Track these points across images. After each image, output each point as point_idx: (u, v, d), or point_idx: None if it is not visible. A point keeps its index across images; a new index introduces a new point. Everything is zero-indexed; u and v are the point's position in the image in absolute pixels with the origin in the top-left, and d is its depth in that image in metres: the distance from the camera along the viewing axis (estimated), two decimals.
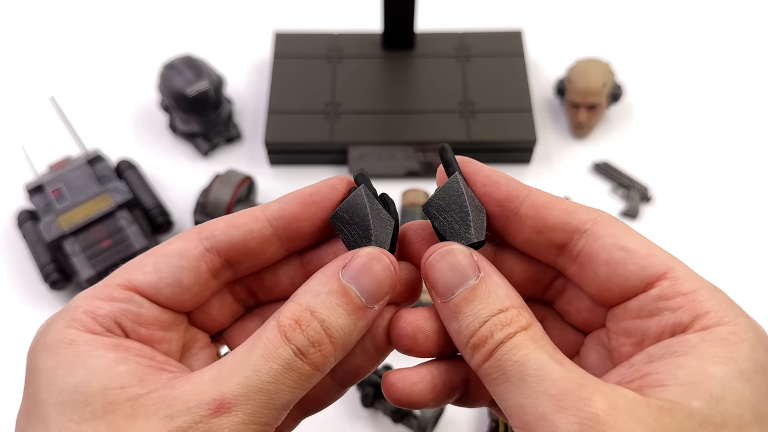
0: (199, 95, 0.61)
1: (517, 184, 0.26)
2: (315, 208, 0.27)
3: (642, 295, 0.24)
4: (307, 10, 0.77)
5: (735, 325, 0.22)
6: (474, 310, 0.24)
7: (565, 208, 0.25)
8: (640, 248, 0.24)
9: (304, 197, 0.27)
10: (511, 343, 0.22)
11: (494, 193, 0.26)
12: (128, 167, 0.62)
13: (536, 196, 0.25)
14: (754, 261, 0.60)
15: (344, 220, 0.26)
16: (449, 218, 0.25)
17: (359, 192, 0.26)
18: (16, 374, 0.54)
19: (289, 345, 0.23)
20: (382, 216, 0.26)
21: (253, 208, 0.27)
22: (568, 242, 0.25)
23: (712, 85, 0.71)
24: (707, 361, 0.21)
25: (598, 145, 0.66)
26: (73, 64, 0.73)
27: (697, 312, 0.22)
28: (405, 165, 0.63)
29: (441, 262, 0.25)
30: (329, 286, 0.24)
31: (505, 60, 0.68)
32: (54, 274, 0.55)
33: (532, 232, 0.26)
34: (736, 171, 0.65)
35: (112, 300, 0.24)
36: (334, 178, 0.27)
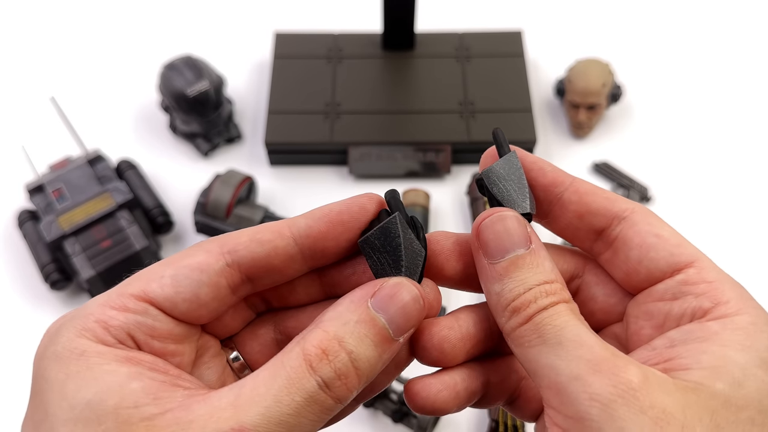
0: (200, 95, 0.61)
1: (562, 171, 0.27)
2: (342, 228, 0.26)
3: (668, 279, 0.25)
4: (308, 10, 0.77)
5: (755, 317, 0.23)
6: (521, 276, 0.24)
7: (606, 197, 0.26)
8: (672, 237, 0.25)
9: (332, 216, 0.26)
10: (553, 310, 0.23)
11: (540, 179, 0.27)
12: (128, 167, 0.62)
13: (580, 183, 0.27)
14: (754, 261, 0.60)
15: (375, 247, 0.25)
16: (508, 187, 0.26)
17: (394, 220, 0.25)
18: (16, 374, 0.54)
19: (314, 376, 0.22)
20: (413, 246, 0.25)
21: (279, 223, 0.26)
22: (607, 227, 0.26)
23: (711, 85, 0.71)
24: (729, 348, 0.22)
25: (597, 146, 0.67)
26: (73, 64, 0.73)
27: (718, 299, 0.24)
28: (405, 165, 0.63)
29: (498, 224, 0.25)
30: (358, 315, 0.23)
31: (505, 60, 0.68)
32: (54, 274, 0.55)
33: (574, 216, 0.27)
34: (735, 171, 0.65)
35: (125, 311, 0.23)
36: (364, 197, 0.26)
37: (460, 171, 0.64)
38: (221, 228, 0.56)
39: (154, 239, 0.59)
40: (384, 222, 0.25)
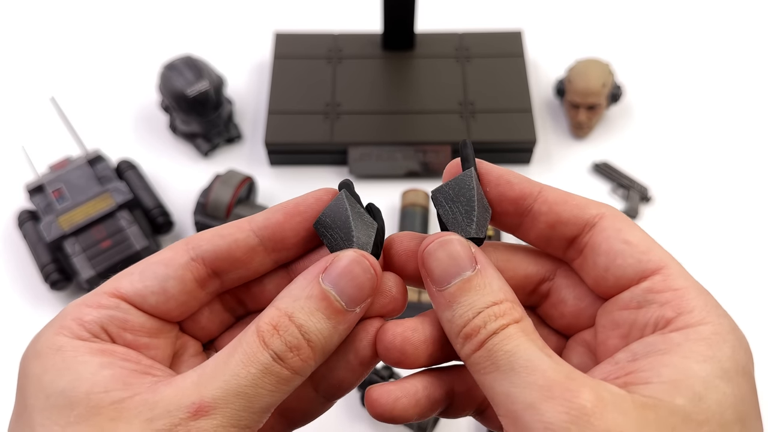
0: (200, 95, 0.61)
1: (529, 182, 0.27)
2: (300, 218, 0.27)
3: (634, 286, 0.24)
4: (308, 10, 0.77)
5: (718, 326, 0.23)
6: (469, 301, 0.24)
7: (576, 204, 0.26)
8: (641, 243, 0.25)
9: (288, 207, 0.27)
10: (503, 333, 0.23)
11: (508, 192, 0.27)
12: (128, 167, 0.62)
13: (548, 192, 0.26)
14: (753, 261, 0.60)
15: (327, 225, 0.26)
16: (455, 209, 0.26)
17: (340, 196, 0.26)
18: (15, 374, 0.54)
19: (267, 350, 0.23)
20: (364, 219, 0.26)
21: (240, 219, 0.27)
22: (578, 235, 0.26)
23: (711, 85, 0.71)
24: (690, 359, 0.22)
25: (597, 146, 0.67)
26: (73, 64, 0.73)
27: (682, 308, 0.23)
28: (405, 165, 0.63)
29: (439, 250, 0.25)
30: (308, 291, 0.24)
31: (505, 60, 0.68)
32: (54, 274, 0.55)
33: (545, 227, 0.26)
34: (735, 171, 0.65)
35: (99, 307, 0.25)
36: (320, 190, 0.27)
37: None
38: None
39: (154, 239, 0.59)
40: (333, 200, 0.26)
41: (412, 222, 0.58)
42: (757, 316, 0.57)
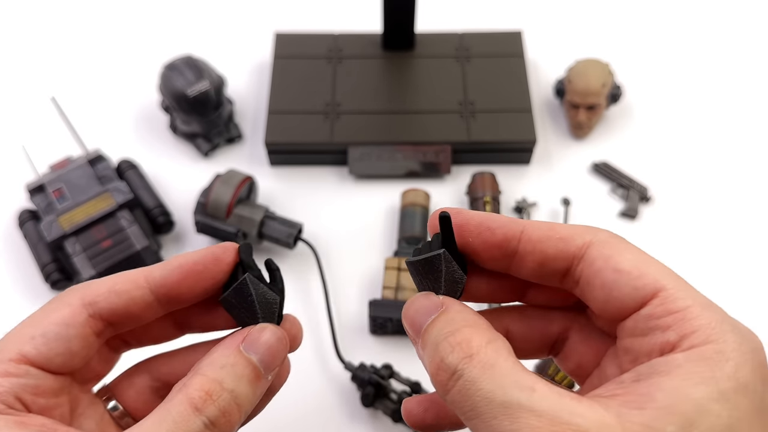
0: (200, 95, 0.61)
1: (510, 223, 0.26)
2: (196, 278, 0.28)
3: (635, 314, 0.24)
4: (308, 11, 0.77)
5: (721, 344, 0.22)
6: (431, 339, 0.24)
7: (560, 237, 0.26)
8: (632, 268, 0.24)
9: (187, 267, 0.28)
10: (469, 375, 0.22)
11: (490, 239, 0.27)
12: (129, 167, 0.62)
13: (531, 231, 0.26)
14: (753, 261, 0.60)
15: (233, 305, 0.29)
16: (425, 282, 0.27)
17: (245, 281, 0.28)
18: None
19: (200, 416, 0.25)
20: (267, 297, 0.29)
21: (137, 272, 0.29)
22: (569, 268, 0.26)
23: (711, 85, 0.71)
24: (688, 382, 0.21)
25: (597, 146, 0.67)
26: (74, 64, 0.73)
27: (684, 331, 0.23)
28: (405, 165, 0.63)
29: (409, 308, 0.26)
30: (233, 359, 0.27)
31: (504, 60, 0.68)
32: (55, 274, 0.55)
33: (534, 265, 0.26)
34: (735, 171, 0.65)
35: (9, 376, 0.25)
36: (219, 247, 0.29)
37: (460, 171, 0.64)
38: (222, 228, 0.56)
39: (154, 239, 0.59)
40: (236, 284, 0.28)
41: (412, 221, 0.58)
42: (756, 315, 0.57)
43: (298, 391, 0.53)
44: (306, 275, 0.59)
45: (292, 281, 0.59)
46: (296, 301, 0.57)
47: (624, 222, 0.62)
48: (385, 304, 0.53)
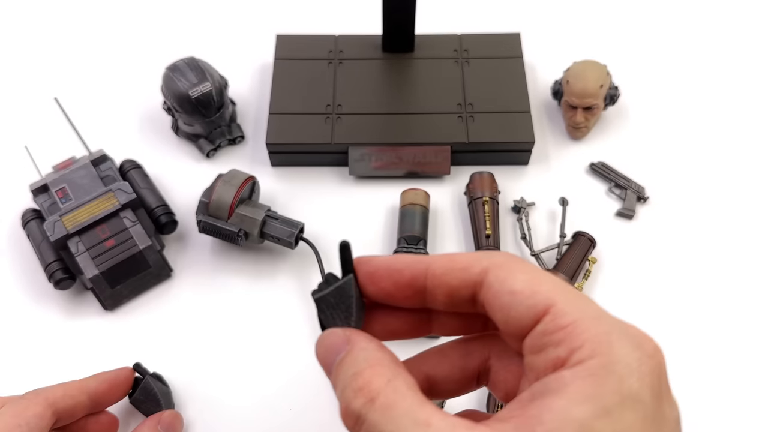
0: (203, 96, 0.62)
1: (415, 262, 0.28)
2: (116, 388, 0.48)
3: (531, 331, 0.25)
4: (309, 13, 0.78)
5: (607, 356, 0.22)
6: (339, 382, 0.25)
7: (461, 267, 0.27)
8: (525, 288, 0.25)
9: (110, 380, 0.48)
10: (372, 419, 0.23)
11: (400, 280, 0.28)
12: (132, 167, 0.62)
13: (435, 265, 0.27)
14: (750, 259, 0.60)
15: (141, 401, 0.50)
16: (335, 314, 0.28)
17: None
18: (18, 372, 0.55)
19: None
20: (164, 390, 0.51)
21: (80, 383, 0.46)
22: (475, 295, 0.27)
23: (707, 86, 0.72)
24: (572, 401, 0.21)
25: (594, 146, 0.67)
26: (78, 66, 0.74)
27: (573, 345, 0.23)
28: (405, 165, 0.63)
29: (319, 347, 0.27)
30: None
31: (503, 62, 0.69)
32: (58, 273, 0.56)
33: (444, 297, 0.27)
34: (731, 171, 0.66)
35: None
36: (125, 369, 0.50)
37: (459, 171, 0.65)
38: (224, 227, 0.57)
39: (157, 238, 0.59)
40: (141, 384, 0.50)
41: (412, 221, 0.59)
42: (753, 315, 0.58)
43: (298, 390, 0.53)
44: (307, 274, 0.59)
45: (293, 280, 0.59)
46: (297, 299, 0.58)
47: (621, 222, 0.63)
48: None
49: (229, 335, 0.56)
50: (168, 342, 0.56)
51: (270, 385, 0.54)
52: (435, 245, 0.61)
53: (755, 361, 0.55)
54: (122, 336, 0.56)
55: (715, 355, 0.55)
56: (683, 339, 0.56)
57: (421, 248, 0.57)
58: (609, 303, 0.58)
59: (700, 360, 0.55)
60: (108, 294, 0.56)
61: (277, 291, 0.59)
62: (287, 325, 0.57)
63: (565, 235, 0.60)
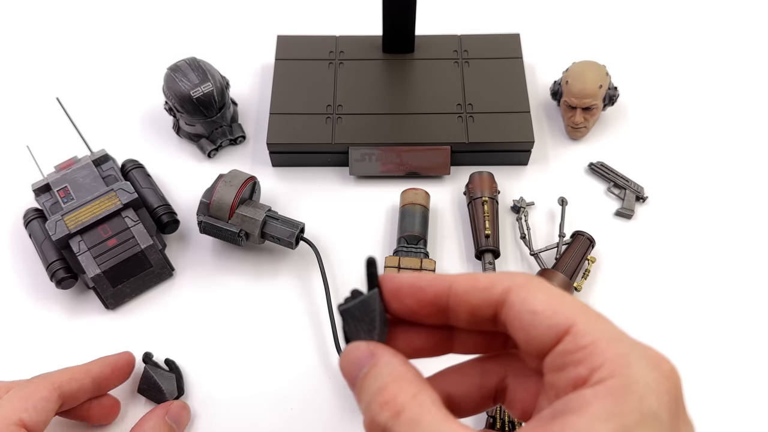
0: (204, 97, 0.62)
1: (438, 281, 0.28)
2: (119, 372, 0.49)
3: (552, 351, 0.25)
4: (310, 14, 0.79)
5: (626, 377, 0.23)
6: (364, 395, 0.26)
7: (483, 286, 0.27)
8: (546, 308, 0.25)
9: (113, 365, 0.49)
10: None
11: (423, 298, 0.28)
12: (134, 167, 0.63)
13: (457, 284, 0.28)
14: (749, 259, 0.61)
15: (145, 389, 0.51)
16: (359, 327, 0.28)
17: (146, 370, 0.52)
18: (20, 371, 0.55)
19: None
20: (166, 377, 0.52)
21: (85, 367, 0.47)
22: (496, 314, 0.27)
23: (705, 86, 0.72)
24: (594, 419, 0.22)
25: (593, 146, 0.68)
26: (80, 65, 0.74)
27: (593, 365, 0.23)
28: (405, 166, 0.64)
29: (343, 360, 0.28)
30: (160, 428, 0.46)
31: (502, 62, 0.69)
32: (60, 272, 0.56)
33: (466, 315, 0.28)
34: (730, 171, 0.66)
35: None
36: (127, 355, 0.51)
37: (458, 171, 0.65)
38: (224, 227, 0.57)
39: (159, 238, 0.60)
40: (142, 374, 0.52)
41: (412, 221, 0.59)
42: (752, 314, 0.58)
43: (299, 389, 0.54)
44: (307, 274, 0.60)
45: (294, 280, 0.59)
46: (298, 299, 0.58)
47: (620, 221, 0.63)
48: None
49: (229, 335, 0.57)
50: (169, 341, 0.56)
51: (271, 385, 0.54)
52: (435, 245, 0.61)
53: (754, 361, 0.55)
54: (124, 335, 0.57)
55: (714, 355, 0.56)
56: (682, 338, 0.56)
57: (421, 248, 0.58)
58: (608, 302, 0.58)
59: (698, 359, 0.55)
60: (110, 293, 0.57)
61: (277, 291, 0.59)
62: (288, 324, 0.57)
63: (564, 235, 0.60)
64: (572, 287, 0.56)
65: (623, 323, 0.58)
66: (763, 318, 0.57)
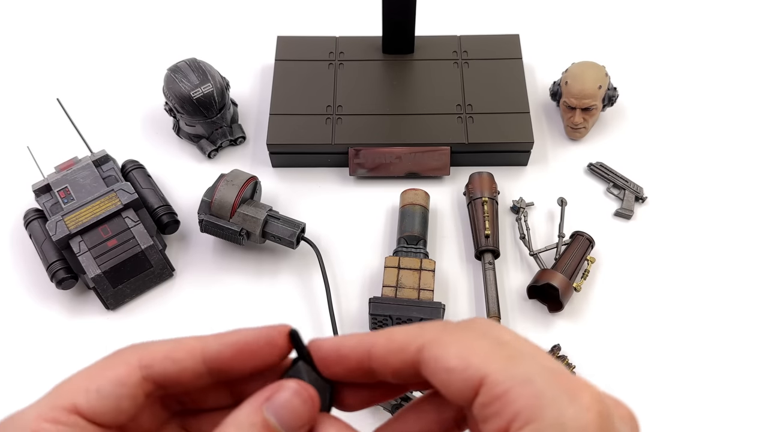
0: (204, 97, 0.62)
1: (359, 344, 0.28)
2: (249, 357, 0.29)
3: (473, 403, 0.25)
4: (310, 15, 0.79)
5: (539, 422, 0.23)
6: None
7: (399, 348, 0.27)
8: (458, 363, 0.25)
9: (241, 346, 0.29)
10: None
11: (348, 365, 0.28)
12: (134, 167, 0.63)
13: (376, 349, 0.27)
14: (747, 259, 0.61)
15: None
16: None
17: (298, 368, 0.29)
18: (21, 370, 0.55)
19: None
20: (318, 384, 0.29)
21: (194, 342, 0.29)
22: (418, 373, 0.27)
23: (704, 87, 0.72)
24: None
25: (593, 147, 0.68)
26: (81, 67, 0.74)
27: (509, 415, 0.23)
28: (404, 166, 0.64)
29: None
30: (252, 419, 0.27)
31: (502, 63, 0.69)
32: (60, 272, 0.56)
33: (392, 377, 0.27)
34: (729, 171, 0.66)
35: (57, 423, 0.27)
36: (274, 331, 0.29)
37: (458, 172, 0.65)
38: (226, 227, 0.57)
39: (159, 238, 0.60)
40: (290, 370, 0.29)
41: (412, 221, 0.59)
42: (750, 314, 0.58)
43: None
44: (308, 273, 0.60)
45: (295, 280, 0.60)
46: (299, 298, 0.58)
47: (619, 221, 0.63)
48: (385, 302, 0.54)
49: None
50: None
51: None
52: (435, 245, 0.62)
53: (752, 359, 0.55)
54: (124, 335, 0.57)
55: (713, 354, 0.56)
56: (681, 338, 0.57)
57: (420, 248, 0.58)
58: (607, 302, 0.58)
59: (698, 359, 0.56)
60: (110, 293, 0.57)
61: (278, 290, 0.59)
62: (288, 323, 0.57)
63: (563, 235, 0.60)
64: (572, 287, 0.56)
65: (623, 323, 0.59)
66: (762, 317, 0.58)
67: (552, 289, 0.57)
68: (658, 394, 0.54)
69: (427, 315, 0.53)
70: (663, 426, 0.52)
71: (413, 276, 0.55)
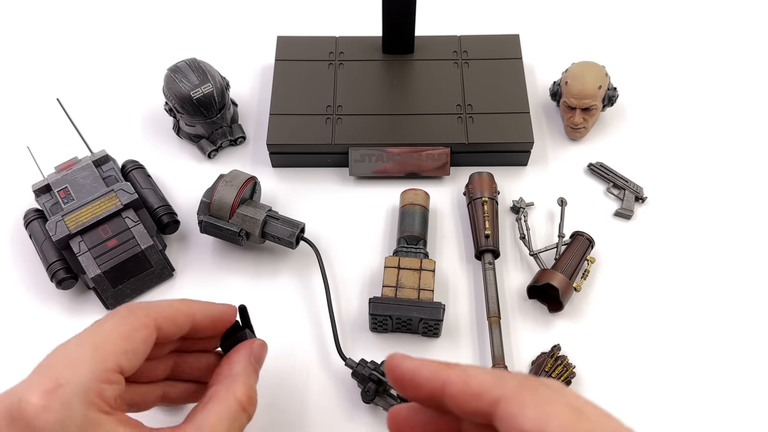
0: (204, 97, 0.62)
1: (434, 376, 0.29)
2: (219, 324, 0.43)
3: None
4: (310, 15, 0.79)
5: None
6: None
7: (474, 393, 0.28)
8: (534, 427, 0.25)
9: (216, 316, 0.42)
10: None
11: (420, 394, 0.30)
12: (134, 168, 0.63)
13: (451, 388, 0.28)
14: (747, 259, 0.61)
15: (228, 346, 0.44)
16: None
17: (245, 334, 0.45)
18: (20, 370, 0.55)
19: (245, 413, 0.38)
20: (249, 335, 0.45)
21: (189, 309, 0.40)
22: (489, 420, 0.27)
23: (704, 87, 0.72)
24: None
25: (593, 147, 0.68)
26: (80, 66, 0.74)
27: None
28: (405, 166, 0.64)
29: None
30: (251, 368, 0.41)
31: (502, 63, 0.69)
32: (60, 272, 0.56)
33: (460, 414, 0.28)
34: (729, 171, 0.66)
35: (111, 383, 0.34)
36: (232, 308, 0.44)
37: (458, 172, 0.65)
38: (225, 227, 0.57)
39: (159, 238, 0.60)
40: (239, 333, 0.44)
41: (412, 221, 0.59)
42: (750, 314, 0.58)
43: (300, 388, 0.54)
44: (308, 274, 0.60)
45: (295, 280, 0.60)
46: (298, 299, 0.58)
47: (619, 221, 0.63)
48: (385, 302, 0.54)
49: None
50: None
51: (271, 385, 0.54)
52: (435, 245, 0.62)
53: (752, 360, 0.56)
54: None
55: (712, 353, 0.56)
56: (681, 338, 0.57)
57: (420, 248, 0.58)
58: (607, 302, 0.58)
59: (697, 359, 0.56)
60: (110, 294, 0.57)
61: (278, 290, 0.59)
62: (288, 324, 0.57)
63: (563, 235, 0.60)
64: (572, 287, 0.56)
65: (623, 323, 0.58)
66: (762, 317, 0.58)
67: (552, 289, 0.57)
68: (658, 394, 0.54)
69: (426, 315, 0.53)
70: (663, 426, 0.52)
71: (413, 276, 0.55)
